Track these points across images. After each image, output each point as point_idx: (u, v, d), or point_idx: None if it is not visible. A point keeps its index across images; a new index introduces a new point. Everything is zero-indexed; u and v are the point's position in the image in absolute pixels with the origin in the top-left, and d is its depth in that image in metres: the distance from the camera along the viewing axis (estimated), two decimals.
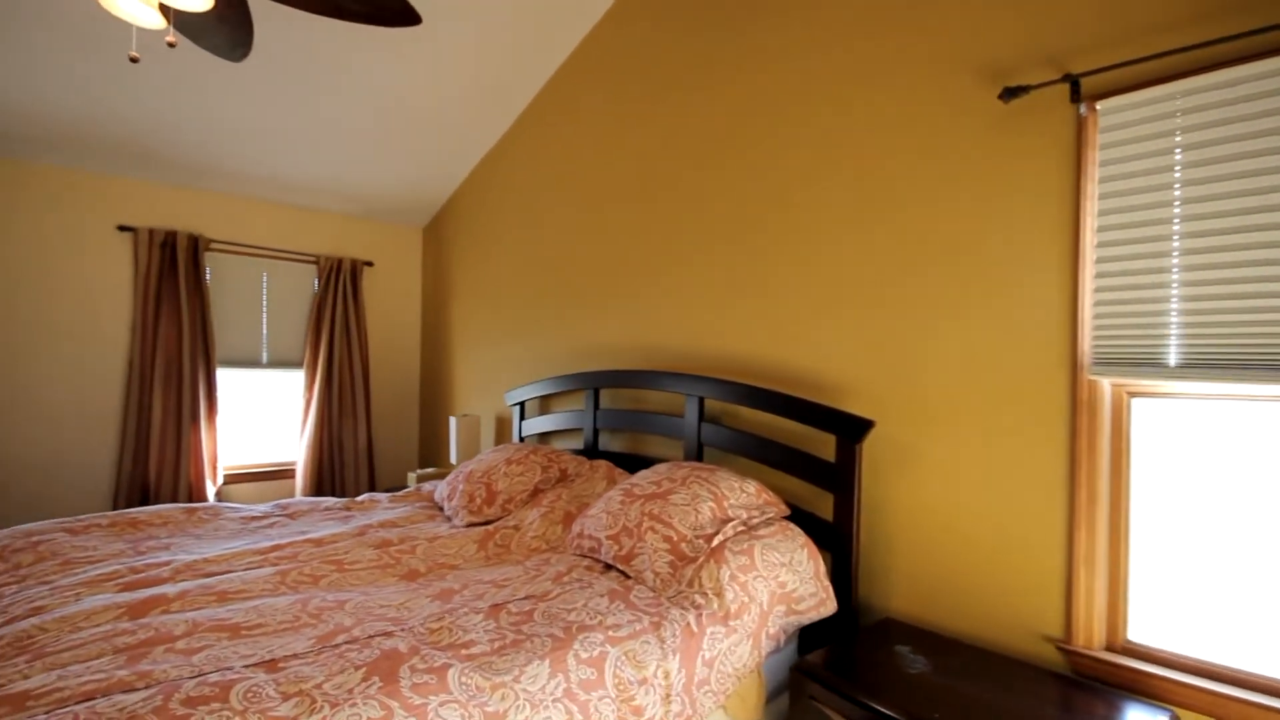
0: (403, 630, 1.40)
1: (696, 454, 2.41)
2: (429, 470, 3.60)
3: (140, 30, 2.52)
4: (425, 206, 4.36)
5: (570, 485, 2.58)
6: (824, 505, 2.10)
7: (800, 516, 2.07)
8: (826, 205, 2.13)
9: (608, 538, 1.92)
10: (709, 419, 2.46)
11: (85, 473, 3.34)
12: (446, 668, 1.23)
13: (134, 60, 1.52)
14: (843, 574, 1.90)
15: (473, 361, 3.99)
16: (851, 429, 1.89)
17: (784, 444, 2.14)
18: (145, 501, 3.41)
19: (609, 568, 1.91)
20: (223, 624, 1.37)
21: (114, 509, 3.36)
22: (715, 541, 1.78)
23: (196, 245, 3.59)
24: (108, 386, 3.41)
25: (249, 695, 1.08)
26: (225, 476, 3.74)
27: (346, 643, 1.32)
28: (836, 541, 1.93)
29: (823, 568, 1.87)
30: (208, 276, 3.69)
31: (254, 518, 2.37)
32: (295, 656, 1.25)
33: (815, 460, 2.02)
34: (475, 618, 1.48)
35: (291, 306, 4.03)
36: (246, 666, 1.19)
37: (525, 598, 1.63)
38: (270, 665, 1.20)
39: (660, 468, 2.18)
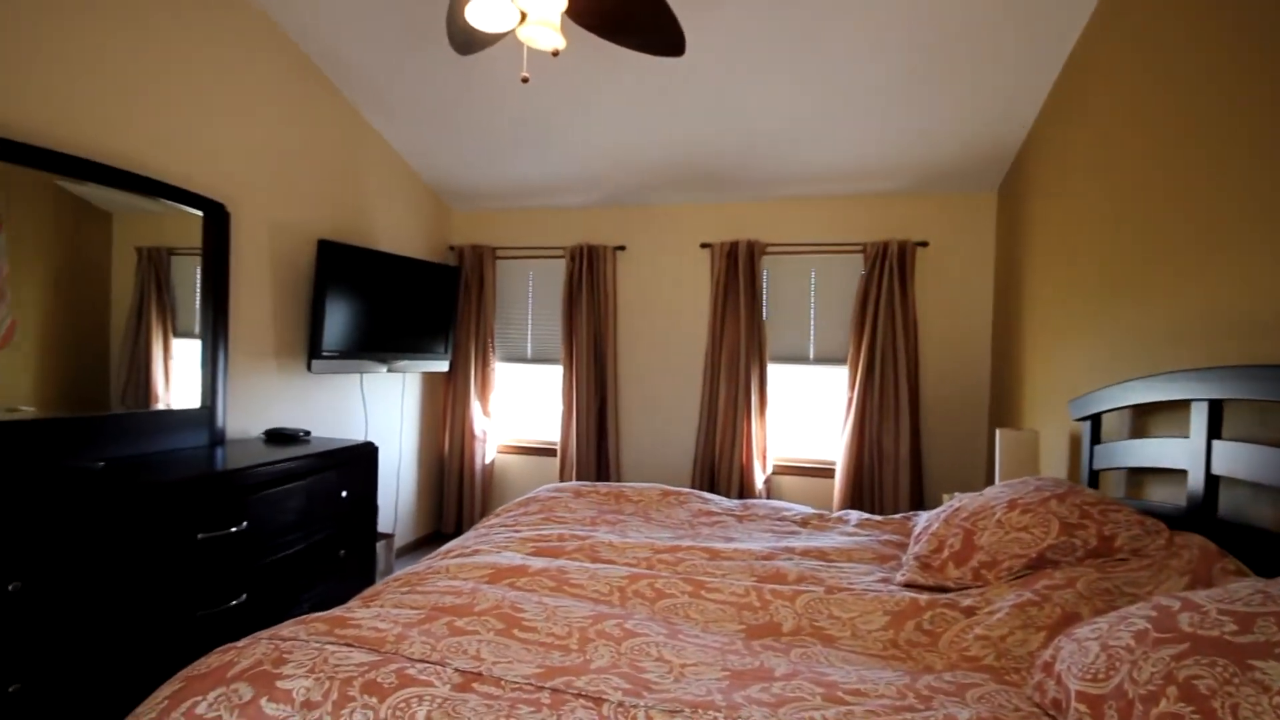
0: (587, 709, 0.99)
1: None
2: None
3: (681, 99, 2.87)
4: (992, 164, 3.43)
5: (1109, 568, 1.46)
6: None
7: None
8: None
9: (1081, 696, 0.95)
10: None
11: (678, 451, 4.10)
12: None
13: (524, 81, 1.66)
14: None
15: (1048, 357, 2.86)
16: None
17: None
18: (712, 480, 3.91)
19: None
20: (488, 625, 1.31)
21: (691, 485, 3.99)
22: None
23: (753, 251, 3.89)
24: (693, 379, 4.08)
25: None
26: (775, 467, 3.91)
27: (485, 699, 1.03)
28: None
29: None
30: (764, 278, 3.96)
31: (709, 512, 2.32)
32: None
33: None
34: None
35: (839, 300, 3.88)
36: None
37: None
38: None
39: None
